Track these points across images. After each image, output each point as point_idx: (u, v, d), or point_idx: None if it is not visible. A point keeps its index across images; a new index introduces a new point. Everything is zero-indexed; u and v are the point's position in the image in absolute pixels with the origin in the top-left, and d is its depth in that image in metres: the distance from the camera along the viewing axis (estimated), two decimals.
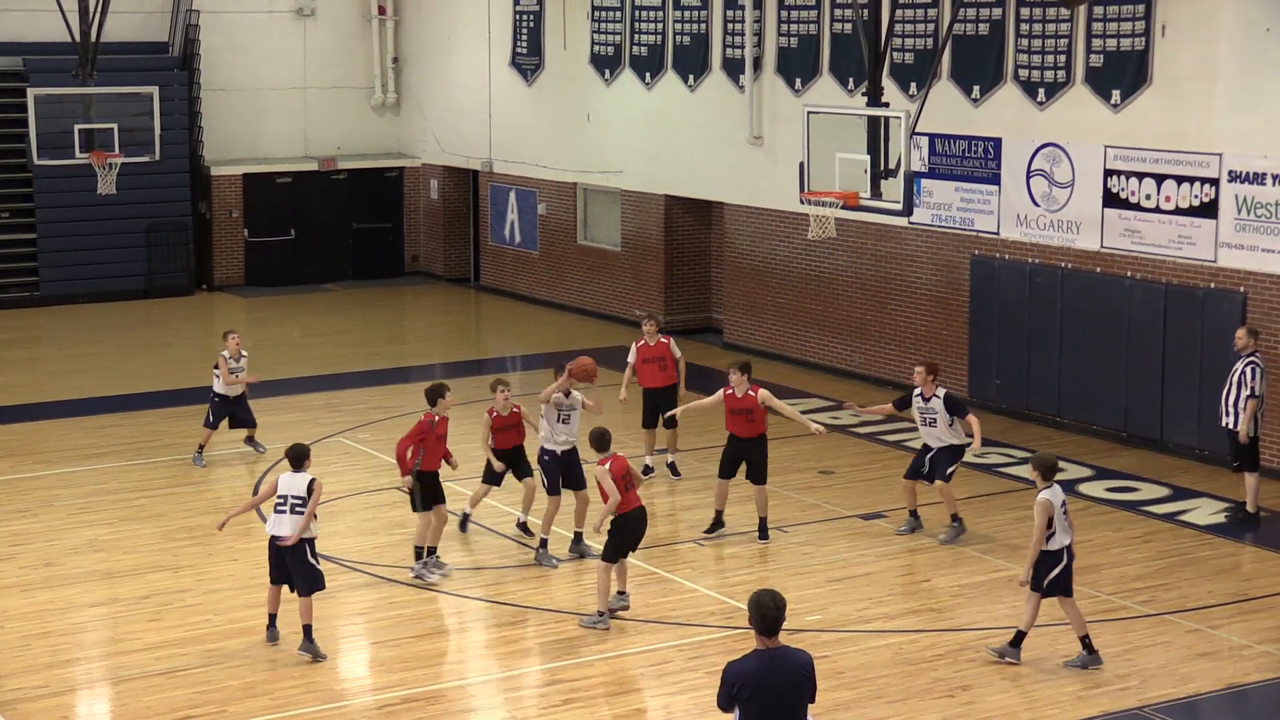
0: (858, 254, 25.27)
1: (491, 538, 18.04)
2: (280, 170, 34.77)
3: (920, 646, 14.86)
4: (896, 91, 23.58)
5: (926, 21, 23.79)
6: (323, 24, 35.46)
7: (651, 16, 28.96)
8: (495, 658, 15.07)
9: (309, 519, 14.61)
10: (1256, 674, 14.28)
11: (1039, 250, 22.60)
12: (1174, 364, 21.02)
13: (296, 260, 34.80)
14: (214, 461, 21.39)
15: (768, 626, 9.49)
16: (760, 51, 26.71)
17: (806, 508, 18.96)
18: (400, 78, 36.13)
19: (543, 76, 31.78)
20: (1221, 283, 20.44)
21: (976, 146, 23.26)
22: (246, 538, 18.02)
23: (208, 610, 15.86)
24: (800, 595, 15.82)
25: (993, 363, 23.37)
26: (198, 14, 33.69)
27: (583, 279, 31.48)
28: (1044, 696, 13.78)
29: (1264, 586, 16.40)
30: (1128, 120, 21.35)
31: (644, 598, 16.07)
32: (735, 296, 27.90)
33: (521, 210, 32.93)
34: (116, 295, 32.75)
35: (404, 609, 15.90)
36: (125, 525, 18.61)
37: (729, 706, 9.61)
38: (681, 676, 14.21)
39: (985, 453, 21.32)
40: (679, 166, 28.69)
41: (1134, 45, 21.16)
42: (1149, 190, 21.10)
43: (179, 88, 33.22)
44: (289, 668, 14.47)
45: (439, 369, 27.22)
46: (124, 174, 28.90)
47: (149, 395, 25.00)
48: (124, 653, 14.87)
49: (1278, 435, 19.86)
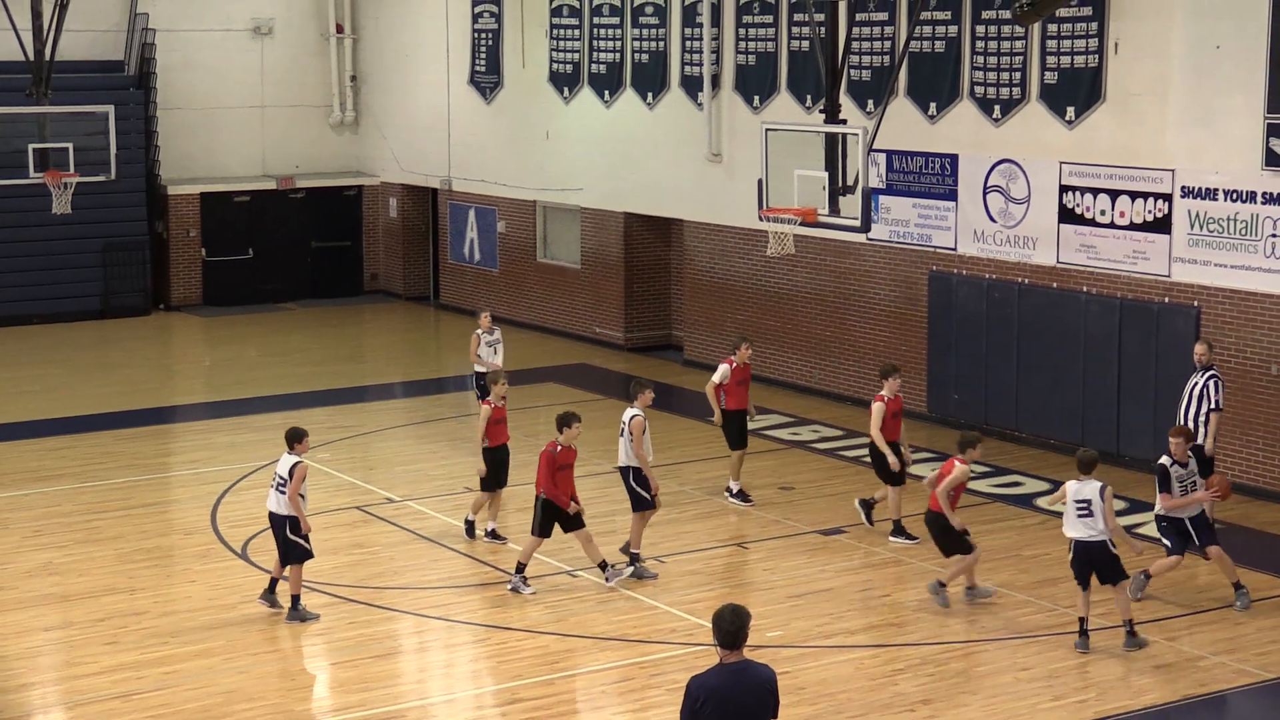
0: (816, 270, 25.35)
1: (452, 556, 18.00)
2: (238, 189, 34.66)
3: (881, 661, 14.90)
4: (854, 108, 23.68)
5: (883, 39, 23.90)
6: (280, 42, 35.40)
7: (610, 34, 29.01)
8: (456, 677, 15.03)
9: (292, 498, 15.65)
10: (1212, 685, 14.36)
11: (996, 266, 22.71)
12: (1130, 378, 21.15)
13: (255, 279, 34.68)
14: (171, 482, 21.29)
15: (729, 640, 9.50)
16: (719, 69, 26.78)
17: (767, 524, 18.98)
18: (359, 96, 36.08)
19: (502, 94, 31.79)
20: (1176, 297, 20.58)
21: (933, 163, 23.37)
22: (204, 559, 17.94)
23: (165, 633, 15.76)
24: (761, 611, 15.82)
25: (951, 378, 23.46)
26: (154, 32, 33.58)
27: (542, 297, 31.47)
28: (1004, 710, 13.82)
29: (1219, 598, 16.49)
30: (1082, 136, 21.49)
31: (604, 615, 16.06)
32: (695, 313, 27.94)
33: (481, 228, 32.91)
34: (72, 316, 32.58)
35: (364, 629, 15.85)
36: (80, 548, 18.48)
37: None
38: (644, 694, 14.21)
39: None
40: (638, 184, 28.73)
41: (1088, 62, 21.31)
42: (1104, 206, 21.24)
43: (135, 106, 33.10)
44: (247, 690, 14.41)
45: (399, 387, 27.18)
46: (79, 193, 28.78)
47: (104, 416, 24.85)
48: (79, 676, 14.77)
49: (1233, 449, 19.99)
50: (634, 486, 17.24)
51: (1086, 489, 14.89)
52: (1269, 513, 19.36)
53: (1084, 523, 14.92)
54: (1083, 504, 14.90)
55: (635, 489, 17.23)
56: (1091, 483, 14.89)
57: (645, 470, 17.10)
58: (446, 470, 21.37)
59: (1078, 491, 14.94)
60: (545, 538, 16.63)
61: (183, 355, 30.99)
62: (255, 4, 35.08)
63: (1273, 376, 19.67)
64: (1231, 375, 19.72)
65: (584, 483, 20.42)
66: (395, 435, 23.66)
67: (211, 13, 34.66)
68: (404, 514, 19.56)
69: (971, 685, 14.39)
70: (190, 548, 18.49)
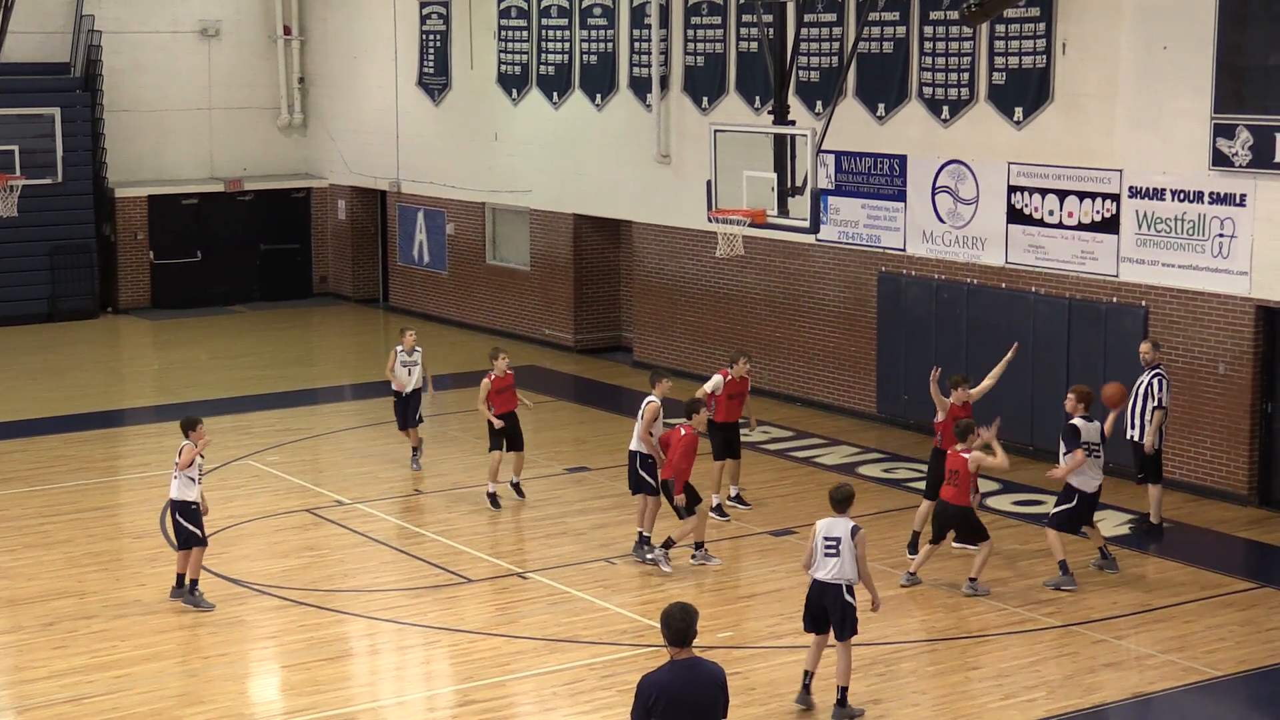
0: (766, 271, 25.40)
1: (403, 558, 17.95)
2: (186, 192, 34.48)
3: (831, 662, 14.90)
4: (802, 109, 23.74)
5: (831, 40, 23.97)
6: (227, 44, 35.23)
7: (558, 36, 29.00)
8: (407, 679, 15.00)
9: (175, 480, 16.28)
10: (1161, 683, 14.46)
11: (945, 266, 22.81)
12: (1078, 377, 21.18)
13: (203, 282, 34.51)
14: (121, 486, 21.18)
15: (678, 637, 9.55)
16: (667, 70, 26.81)
17: (717, 525, 18.99)
18: (306, 98, 35.95)
19: (450, 96, 31.73)
20: (1124, 297, 20.71)
21: (882, 164, 23.46)
22: (154, 562, 17.84)
23: (115, 637, 15.67)
24: (712, 612, 15.86)
25: (901, 378, 23.54)
26: (100, 34, 33.36)
27: (492, 299, 31.43)
28: (954, 709, 13.88)
29: (1167, 596, 16.61)
30: (1030, 137, 21.61)
31: (555, 617, 16.06)
32: (645, 315, 27.95)
33: (430, 230, 32.84)
34: (19, 319, 32.33)
35: (314, 631, 15.79)
36: (29, 552, 18.35)
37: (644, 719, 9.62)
38: (594, 695, 14.20)
39: (893, 468, 21.52)
40: (587, 185, 28.73)
41: (1035, 63, 21.43)
42: (1052, 206, 21.36)
43: (81, 109, 32.88)
44: (197, 693, 14.34)
45: (349, 390, 27.09)
46: (25, 196, 28.63)
47: (52, 420, 24.67)
48: (28, 681, 14.66)
49: (1181, 448, 20.14)
50: (638, 471, 17.60)
51: (838, 526, 13.76)
52: (1217, 511, 19.50)
53: (830, 562, 13.69)
54: (831, 542, 13.73)
55: (640, 474, 17.60)
56: (842, 521, 13.79)
57: (654, 456, 17.53)
58: (396, 473, 21.32)
59: (829, 528, 13.77)
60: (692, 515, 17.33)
61: (131, 358, 30.80)
62: (203, 6, 34.91)
63: (1219, 376, 19.83)
64: (1179, 375, 19.86)
65: (534, 484, 20.43)
66: (345, 438, 23.59)
67: (158, 14, 34.47)
68: (354, 516, 19.50)
69: (922, 685, 14.44)
70: (140, 551, 18.39)
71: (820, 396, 24.80)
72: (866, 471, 21.35)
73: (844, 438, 23.04)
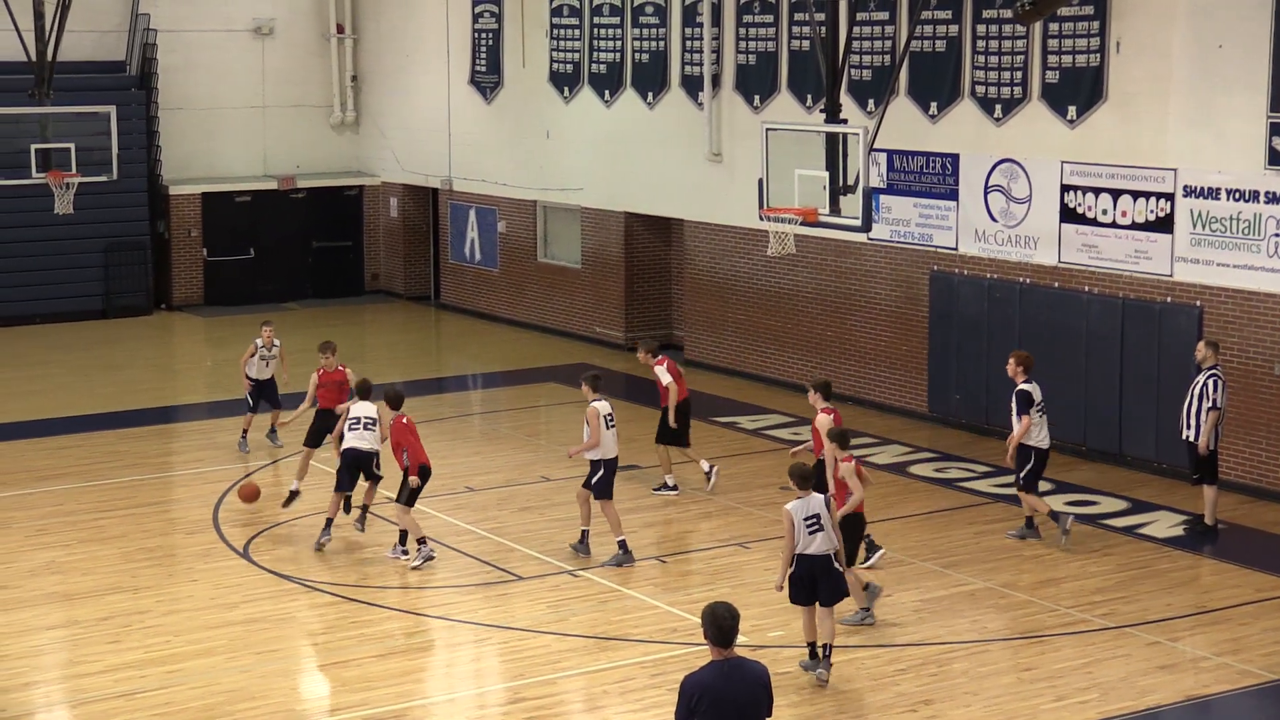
0: (817, 270, 25.34)
1: (454, 555, 17.99)
2: (239, 189, 34.66)
3: (882, 661, 14.89)
4: (854, 108, 23.67)
5: (884, 38, 23.89)
6: (281, 42, 35.39)
7: (610, 34, 29.01)
8: (458, 677, 15.03)
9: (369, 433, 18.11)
10: (1216, 685, 14.36)
11: (997, 265, 22.70)
12: (1132, 378, 21.14)
13: (256, 279, 34.69)
14: (174, 481, 21.31)
15: (722, 637, 9.52)
16: (719, 69, 26.78)
17: (768, 523, 18.95)
18: (359, 96, 36.08)
19: (502, 94, 31.79)
20: (1178, 297, 20.57)
21: (934, 162, 23.37)
22: (207, 558, 17.94)
23: (168, 632, 15.77)
24: (762, 611, 15.82)
25: (952, 377, 23.45)
26: (155, 33, 33.58)
27: (543, 296, 31.47)
28: (1006, 710, 13.82)
29: (1222, 599, 16.49)
30: (1084, 136, 21.49)
31: (605, 615, 16.06)
32: (695, 313, 27.94)
33: (481, 228, 32.91)
34: (74, 316, 32.58)
35: (365, 628, 15.85)
36: (84, 547, 18.49)
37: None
38: (645, 694, 14.20)
39: (945, 468, 21.45)
40: (638, 183, 28.73)
41: (1089, 62, 21.31)
42: (1105, 205, 21.23)
43: (136, 107, 33.10)
44: (249, 689, 14.41)
45: (400, 388, 27.09)
46: (81, 194, 28.83)
47: (107, 416, 24.86)
48: (82, 675, 14.77)
49: (1236, 448, 19.99)
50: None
51: (813, 504, 14.21)
52: (1272, 513, 19.34)
53: (817, 538, 14.17)
54: (812, 519, 14.18)
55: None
56: (815, 498, 14.26)
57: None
58: (448, 469, 21.35)
59: (805, 508, 14.19)
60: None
61: (184, 355, 31.00)
62: (256, 4, 35.08)
63: (1275, 376, 19.67)
64: (1234, 375, 19.71)
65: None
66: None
67: (212, 13, 34.66)
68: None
69: (974, 685, 14.38)
70: (193, 547, 18.50)
71: (871, 395, 24.72)
72: (918, 471, 21.27)
73: (895, 437, 22.96)
